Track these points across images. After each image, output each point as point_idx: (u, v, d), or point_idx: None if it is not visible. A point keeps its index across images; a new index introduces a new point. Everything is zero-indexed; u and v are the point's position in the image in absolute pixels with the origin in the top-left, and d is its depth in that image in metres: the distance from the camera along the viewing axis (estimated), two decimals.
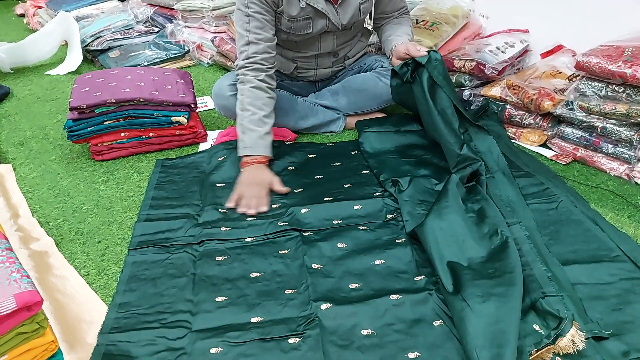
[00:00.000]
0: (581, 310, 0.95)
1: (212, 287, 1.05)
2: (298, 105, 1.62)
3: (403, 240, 1.15)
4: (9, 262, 0.85)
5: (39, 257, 1.13)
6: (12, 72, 2.32)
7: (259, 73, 1.40)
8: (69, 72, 2.30)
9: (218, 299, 1.02)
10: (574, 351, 0.86)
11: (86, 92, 1.52)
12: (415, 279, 1.05)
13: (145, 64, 2.28)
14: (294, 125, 1.62)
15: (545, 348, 0.86)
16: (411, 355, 0.89)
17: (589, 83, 1.39)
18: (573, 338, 0.86)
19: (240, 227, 1.22)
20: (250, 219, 1.25)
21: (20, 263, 0.87)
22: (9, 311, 0.75)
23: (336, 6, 1.45)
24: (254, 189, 1.32)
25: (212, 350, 0.90)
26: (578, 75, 1.46)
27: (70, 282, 1.06)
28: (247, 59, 1.40)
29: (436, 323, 0.94)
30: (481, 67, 1.63)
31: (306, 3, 1.40)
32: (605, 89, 1.36)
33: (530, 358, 0.84)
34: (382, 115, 1.71)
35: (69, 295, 1.03)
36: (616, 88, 1.34)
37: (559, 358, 0.86)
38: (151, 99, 1.52)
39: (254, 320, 0.96)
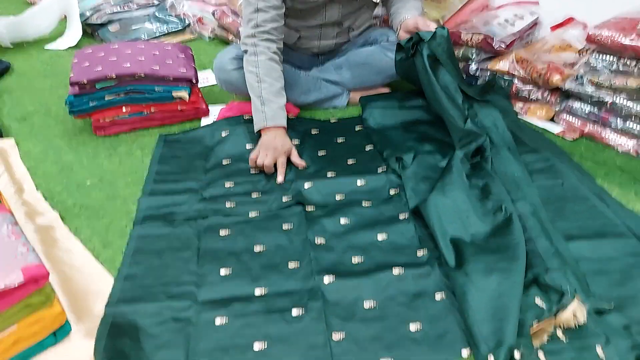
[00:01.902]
0: (584, 285, 0.95)
1: (217, 260, 1.06)
2: (301, 80, 1.60)
3: (406, 216, 1.15)
4: (14, 237, 0.85)
5: (44, 231, 1.13)
6: (12, 47, 2.30)
7: (271, 44, 1.39)
8: (69, 47, 2.28)
9: (222, 272, 1.02)
10: (575, 325, 0.87)
11: (86, 67, 1.50)
12: (417, 253, 1.05)
13: (146, 38, 2.25)
14: (296, 100, 1.60)
15: (547, 321, 0.86)
16: (412, 327, 0.90)
17: (600, 57, 1.37)
18: (575, 312, 0.87)
19: (245, 202, 1.22)
20: (255, 194, 1.25)
21: (26, 237, 0.88)
22: (17, 284, 0.76)
23: None
24: (270, 153, 1.31)
25: (217, 321, 0.91)
26: (589, 48, 1.43)
27: (76, 256, 1.07)
28: (256, 27, 1.38)
29: (438, 296, 0.95)
30: (489, 40, 1.60)
31: None
32: (617, 62, 1.34)
33: (531, 331, 0.85)
34: (387, 90, 1.68)
35: (75, 267, 1.03)
36: (628, 62, 1.32)
37: (560, 331, 0.87)
38: (152, 74, 1.50)
39: (258, 292, 0.97)
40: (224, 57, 1.54)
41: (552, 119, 1.53)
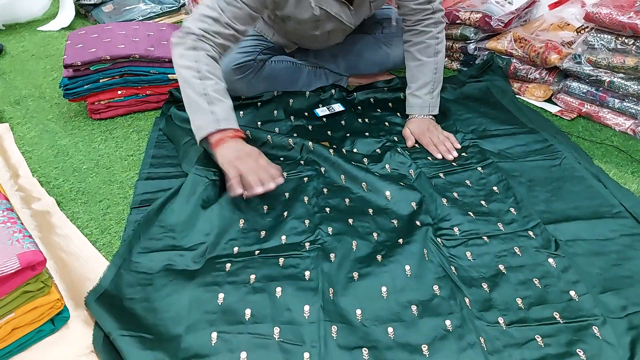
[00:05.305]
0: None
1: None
2: (303, 74, 1.57)
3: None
4: (10, 223, 0.85)
5: (41, 217, 1.13)
6: (3, 28, 2.26)
7: (211, 48, 1.14)
8: (62, 28, 2.24)
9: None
10: None
11: (80, 48, 1.48)
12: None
13: (140, 18, 2.21)
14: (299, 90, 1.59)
15: None
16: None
17: (598, 35, 1.35)
18: None
19: None
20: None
21: (22, 223, 0.88)
22: (13, 271, 0.76)
23: (352, 7, 1.30)
24: (250, 161, 1.07)
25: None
26: (587, 27, 1.41)
27: (73, 241, 1.06)
28: (205, 33, 1.13)
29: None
30: (487, 19, 1.58)
31: (319, 8, 1.23)
32: (615, 41, 1.32)
33: None
34: (385, 77, 1.65)
35: (73, 254, 1.03)
36: (626, 40, 1.30)
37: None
38: (147, 55, 1.48)
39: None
40: (227, 66, 1.39)
41: (549, 99, 1.52)
